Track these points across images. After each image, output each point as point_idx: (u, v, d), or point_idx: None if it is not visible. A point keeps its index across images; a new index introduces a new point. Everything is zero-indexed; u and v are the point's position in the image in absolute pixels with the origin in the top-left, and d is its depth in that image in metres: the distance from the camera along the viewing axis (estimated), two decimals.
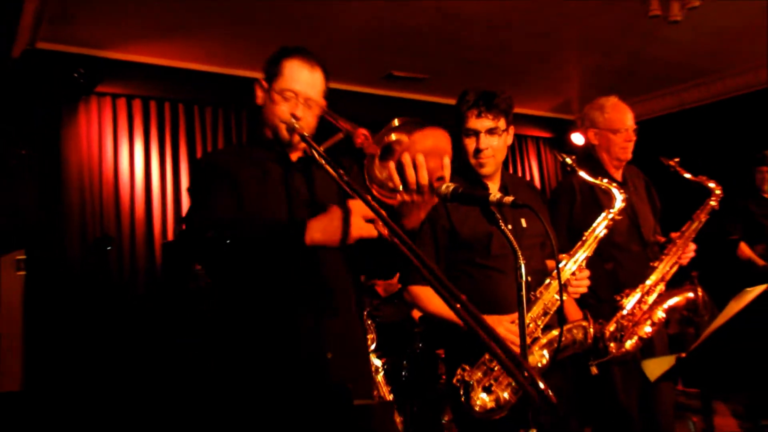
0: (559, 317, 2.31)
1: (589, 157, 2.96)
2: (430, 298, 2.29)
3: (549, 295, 2.27)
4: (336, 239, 1.62)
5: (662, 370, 1.91)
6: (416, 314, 3.91)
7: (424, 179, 1.55)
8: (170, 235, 4.95)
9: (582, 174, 2.49)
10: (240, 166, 1.92)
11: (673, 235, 2.78)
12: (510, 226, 1.76)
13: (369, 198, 1.54)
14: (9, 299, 4.15)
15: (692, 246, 2.77)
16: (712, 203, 2.83)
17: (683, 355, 1.86)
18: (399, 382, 3.95)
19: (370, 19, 4.52)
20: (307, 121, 1.92)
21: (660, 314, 2.67)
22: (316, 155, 1.72)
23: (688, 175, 2.88)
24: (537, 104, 7.15)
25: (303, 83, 1.93)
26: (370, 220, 1.61)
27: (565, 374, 2.37)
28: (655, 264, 2.72)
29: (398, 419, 3.34)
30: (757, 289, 1.67)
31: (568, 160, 2.48)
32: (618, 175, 2.92)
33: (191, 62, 5.16)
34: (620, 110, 2.89)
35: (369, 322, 3.42)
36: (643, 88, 6.50)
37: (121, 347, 4.47)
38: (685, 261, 2.75)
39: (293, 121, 1.87)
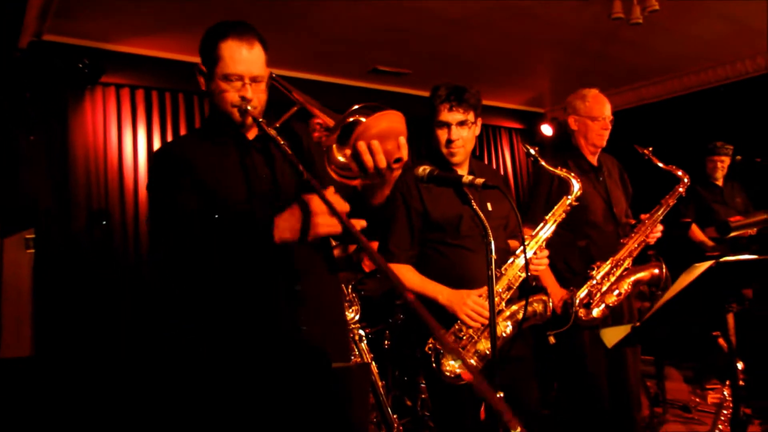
0: (522, 291, 2.34)
1: (568, 143, 2.99)
2: (402, 275, 2.32)
3: (512, 272, 2.30)
4: (300, 236, 1.55)
5: (618, 338, 1.94)
6: None
7: (382, 163, 1.48)
8: None
9: (543, 163, 2.52)
10: (197, 153, 1.79)
11: (643, 216, 2.83)
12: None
13: (327, 194, 1.45)
14: (19, 275, 4.11)
15: (659, 227, 2.81)
16: (680, 190, 2.86)
17: (638, 324, 1.89)
18: (381, 350, 3.98)
19: (357, 18, 4.48)
20: (258, 98, 1.78)
21: (626, 286, 2.73)
22: (271, 138, 1.63)
23: (660, 164, 2.90)
24: (510, 98, 7.15)
25: (245, 63, 1.75)
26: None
27: (527, 343, 2.41)
28: (625, 241, 2.77)
29: (381, 383, 3.36)
30: (704, 265, 1.69)
31: (532, 151, 2.52)
32: (593, 160, 2.96)
33: (191, 55, 5.10)
34: (600, 101, 2.93)
35: (354, 295, 3.43)
36: (606, 84, 6.49)
37: (124, 318, 4.46)
38: (652, 240, 2.80)
39: (244, 104, 1.74)
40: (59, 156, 4.54)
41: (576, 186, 2.48)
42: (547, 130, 7.22)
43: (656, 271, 2.75)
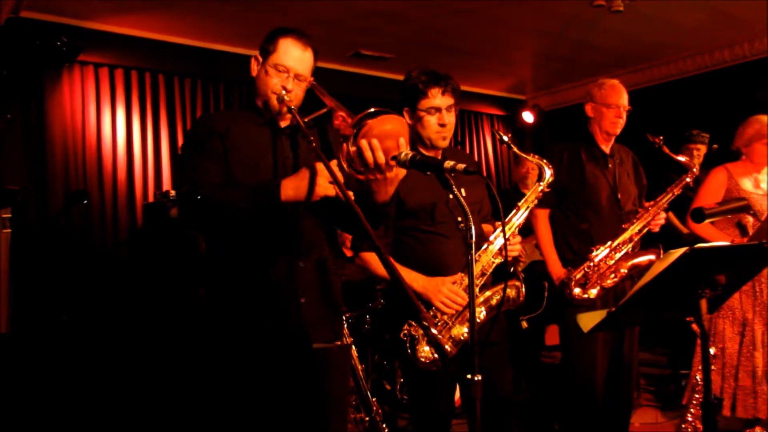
0: (497, 276, 2.34)
1: (584, 130, 3.03)
2: (377, 262, 2.30)
3: (486, 258, 2.30)
4: (303, 195, 1.80)
5: (594, 323, 1.95)
6: None
7: (381, 159, 1.67)
8: (151, 197, 4.86)
9: (516, 150, 2.53)
10: (233, 127, 1.99)
11: (647, 204, 2.88)
12: (451, 196, 1.79)
13: (331, 165, 1.73)
14: None
15: (663, 215, 2.86)
16: (687, 180, 2.91)
17: (613, 309, 1.90)
18: (362, 334, 3.98)
19: (341, 1, 4.43)
20: (296, 94, 1.98)
21: (623, 270, 2.78)
22: (301, 125, 1.85)
23: (670, 154, 2.95)
24: (492, 84, 7.13)
25: (295, 60, 1.98)
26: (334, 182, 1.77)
27: (501, 328, 2.41)
28: (626, 226, 2.82)
29: (360, 367, 3.36)
30: (678, 252, 1.70)
31: (505, 138, 2.53)
32: (607, 148, 3.00)
33: (171, 35, 5.01)
34: (616, 89, 2.95)
35: None
36: (586, 72, 6.51)
37: (103, 299, 4.41)
38: (655, 228, 2.85)
39: (283, 93, 1.94)
40: (36, 135, 4.46)
41: (548, 173, 2.48)
42: (528, 117, 7.23)
43: (654, 257, 2.79)
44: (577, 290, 2.74)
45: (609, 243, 2.78)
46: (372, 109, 1.69)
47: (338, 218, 2.10)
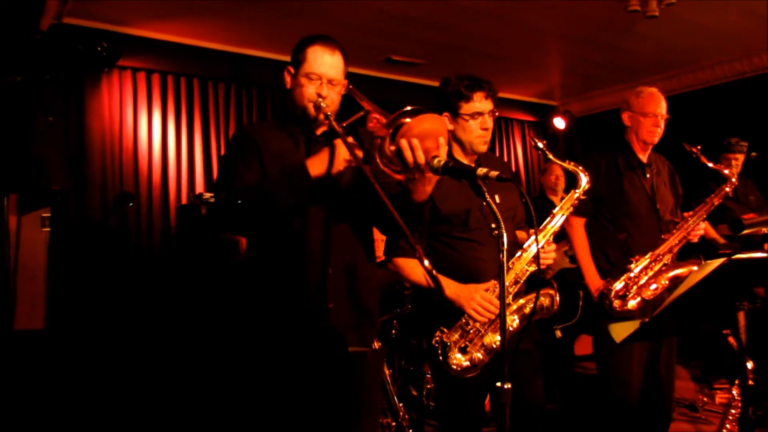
0: (529, 284, 2.31)
1: (620, 138, 2.99)
2: (412, 269, 2.29)
3: (520, 266, 2.27)
4: (326, 171, 1.85)
5: (627, 333, 1.92)
6: None
7: (421, 159, 1.66)
8: (184, 199, 4.94)
9: (551, 157, 2.50)
10: (270, 138, 2.04)
11: (686, 214, 2.82)
12: (484, 203, 1.77)
13: (348, 140, 1.79)
14: (34, 252, 4.13)
15: (702, 225, 2.80)
16: (727, 189, 2.85)
17: (647, 320, 1.86)
18: (388, 340, 3.97)
19: (371, 6, 4.45)
20: (332, 99, 2.00)
21: (664, 281, 2.73)
22: (337, 130, 1.86)
23: (708, 164, 2.91)
24: (523, 90, 7.08)
25: (326, 66, 2.00)
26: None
27: (533, 337, 2.38)
28: (666, 237, 2.77)
29: (387, 372, 3.36)
30: (716, 262, 1.66)
31: (540, 145, 2.50)
32: (644, 157, 2.95)
33: (206, 41, 5.10)
34: (654, 98, 2.90)
35: None
36: (620, 78, 6.42)
37: (137, 298, 4.48)
38: (694, 238, 2.79)
39: (319, 100, 1.97)
40: (76, 137, 4.57)
41: (584, 180, 2.44)
42: (559, 123, 7.15)
43: (695, 268, 2.72)
44: (616, 302, 2.69)
45: (649, 253, 2.73)
46: (408, 108, 1.68)
47: (376, 218, 2.11)
